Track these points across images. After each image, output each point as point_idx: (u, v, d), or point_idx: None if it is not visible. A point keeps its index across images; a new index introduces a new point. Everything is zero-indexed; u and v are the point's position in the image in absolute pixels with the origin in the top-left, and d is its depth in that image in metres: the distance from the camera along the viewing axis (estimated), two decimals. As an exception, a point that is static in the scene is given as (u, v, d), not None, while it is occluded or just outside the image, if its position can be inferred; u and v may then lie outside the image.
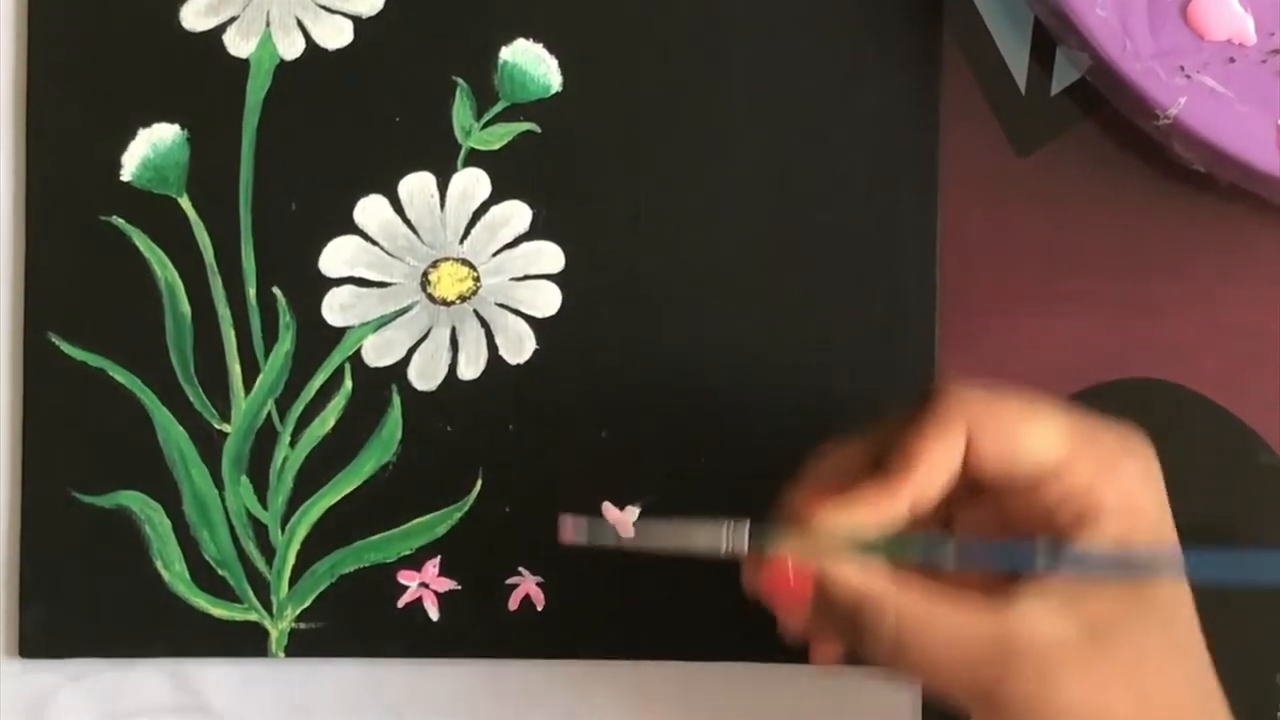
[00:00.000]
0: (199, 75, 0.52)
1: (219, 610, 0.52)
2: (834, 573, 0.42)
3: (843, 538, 0.42)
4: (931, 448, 0.42)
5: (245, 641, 0.52)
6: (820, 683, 0.52)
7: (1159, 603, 0.42)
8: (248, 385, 0.52)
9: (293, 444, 0.52)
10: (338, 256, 0.52)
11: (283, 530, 0.52)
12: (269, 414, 0.52)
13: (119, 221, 0.52)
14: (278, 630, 0.52)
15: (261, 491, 0.52)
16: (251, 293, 0.52)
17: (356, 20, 0.52)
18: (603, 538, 0.46)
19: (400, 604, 0.52)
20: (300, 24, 0.52)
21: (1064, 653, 0.41)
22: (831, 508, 0.42)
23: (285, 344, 0.52)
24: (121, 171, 0.52)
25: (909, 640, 0.41)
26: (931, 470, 0.42)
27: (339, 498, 0.52)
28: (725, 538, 0.43)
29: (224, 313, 0.52)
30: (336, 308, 0.52)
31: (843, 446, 0.45)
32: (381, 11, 0.52)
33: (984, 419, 0.42)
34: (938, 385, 0.43)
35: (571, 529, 0.46)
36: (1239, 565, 0.43)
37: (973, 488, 0.43)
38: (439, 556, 0.52)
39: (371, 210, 0.52)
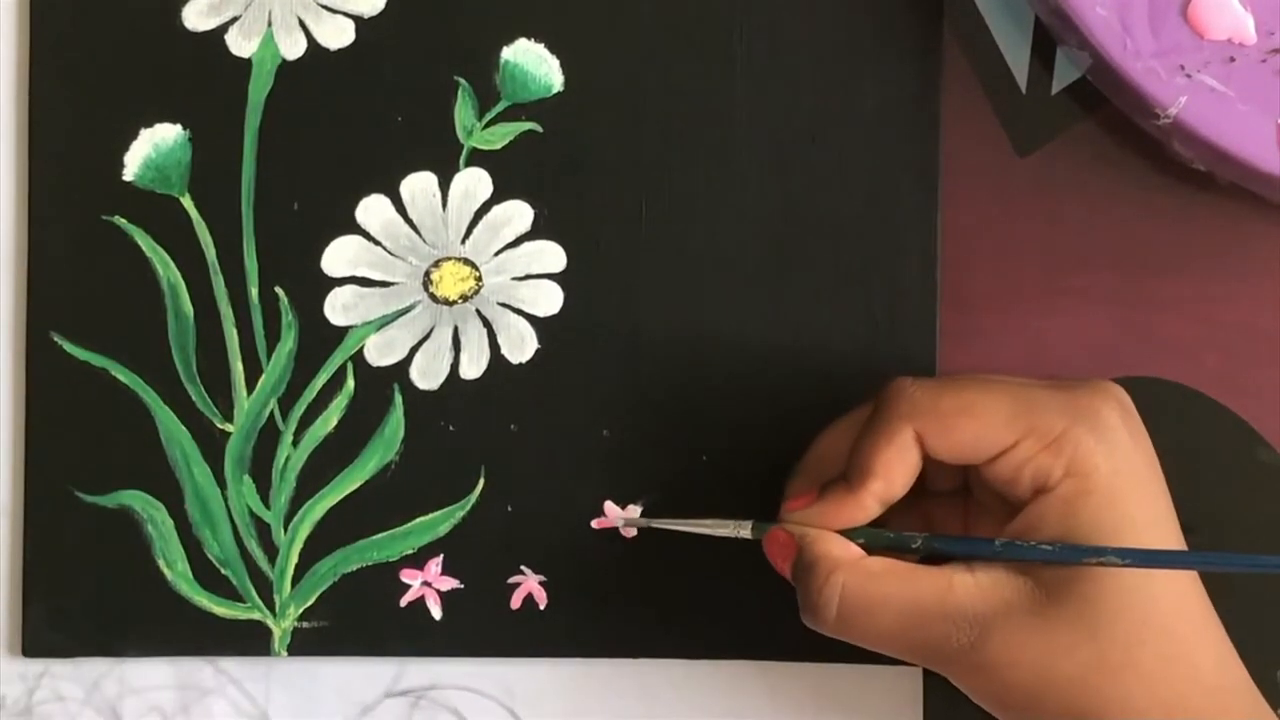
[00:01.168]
0: (201, 75, 0.52)
1: (222, 609, 0.52)
2: (802, 538, 0.46)
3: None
4: (884, 454, 0.45)
5: (248, 640, 0.52)
6: (822, 682, 0.52)
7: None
8: (250, 385, 0.52)
9: (295, 443, 0.52)
10: (340, 256, 0.52)
11: (285, 529, 0.52)
12: (271, 413, 0.52)
13: (121, 221, 0.52)
14: (280, 629, 0.52)
15: (264, 491, 0.52)
16: (254, 292, 0.52)
17: (358, 20, 0.52)
18: (636, 523, 0.51)
19: (403, 603, 0.52)
20: (302, 24, 0.52)
21: (1006, 610, 0.43)
22: (808, 511, 0.46)
23: (287, 343, 0.52)
24: (123, 171, 0.52)
25: (853, 601, 0.44)
26: (889, 475, 0.45)
27: (341, 497, 0.52)
28: (738, 526, 0.49)
29: (226, 312, 0.52)
30: (339, 307, 0.52)
31: (833, 431, 0.48)
32: (383, 11, 0.52)
33: (927, 416, 0.44)
34: (884, 388, 0.46)
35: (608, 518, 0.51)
36: (1177, 560, 0.43)
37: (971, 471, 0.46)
38: (441, 555, 0.52)
39: (373, 210, 0.52)
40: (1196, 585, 0.44)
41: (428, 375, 0.52)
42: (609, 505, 0.52)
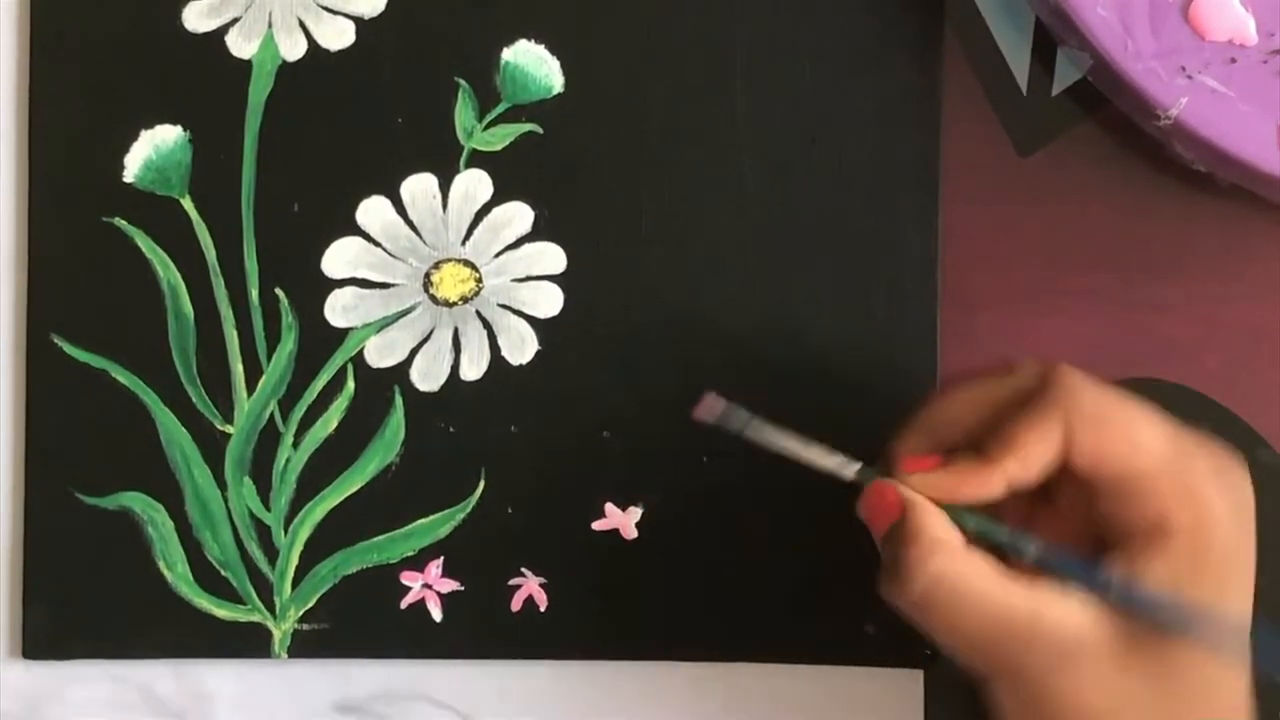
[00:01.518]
0: (201, 76, 0.52)
1: (222, 611, 0.52)
2: (912, 506, 0.43)
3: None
4: (1033, 436, 0.43)
5: (248, 642, 0.52)
6: (824, 683, 0.52)
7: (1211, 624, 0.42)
8: (250, 386, 0.52)
9: (295, 445, 0.52)
10: (340, 257, 0.52)
11: (285, 531, 0.52)
12: (271, 415, 0.52)
13: (121, 223, 0.52)
14: (281, 631, 0.52)
15: (264, 492, 0.52)
16: (254, 294, 0.52)
17: (358, 21, 0.52)
18: (734, 422, 0.46)
19: (403, 605, 0.52)
20: (302, 25, 0.52)
21: (1089, 647, 0.42)
22: (930, 476, 0.44)
23: (288, 345, 0.52)
24: (124, 173, 0.52)
25: (944, 589, 0.42)
26: (1029, 459, 0.43)
27: (342, 499, 0.52)
28: (844, 464, 0.45)
29: (226, 314, 0.52)
30: (339, 309, 0.52)
31: (959, 395, 0.46)
32: (383, 13, 0.52)
33: (1088, 416, 0.43)
34: (1052, 373, 0.44)
35: (708, 408, 0.46)
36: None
37: (1066, 479, 0.44)
38: (442, 557, 0.52)
39: (374, 211, 0.52)
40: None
41: (428, 377, 0.52)
42: (609, 507, 0.52)
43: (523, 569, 0.52)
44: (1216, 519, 0.42)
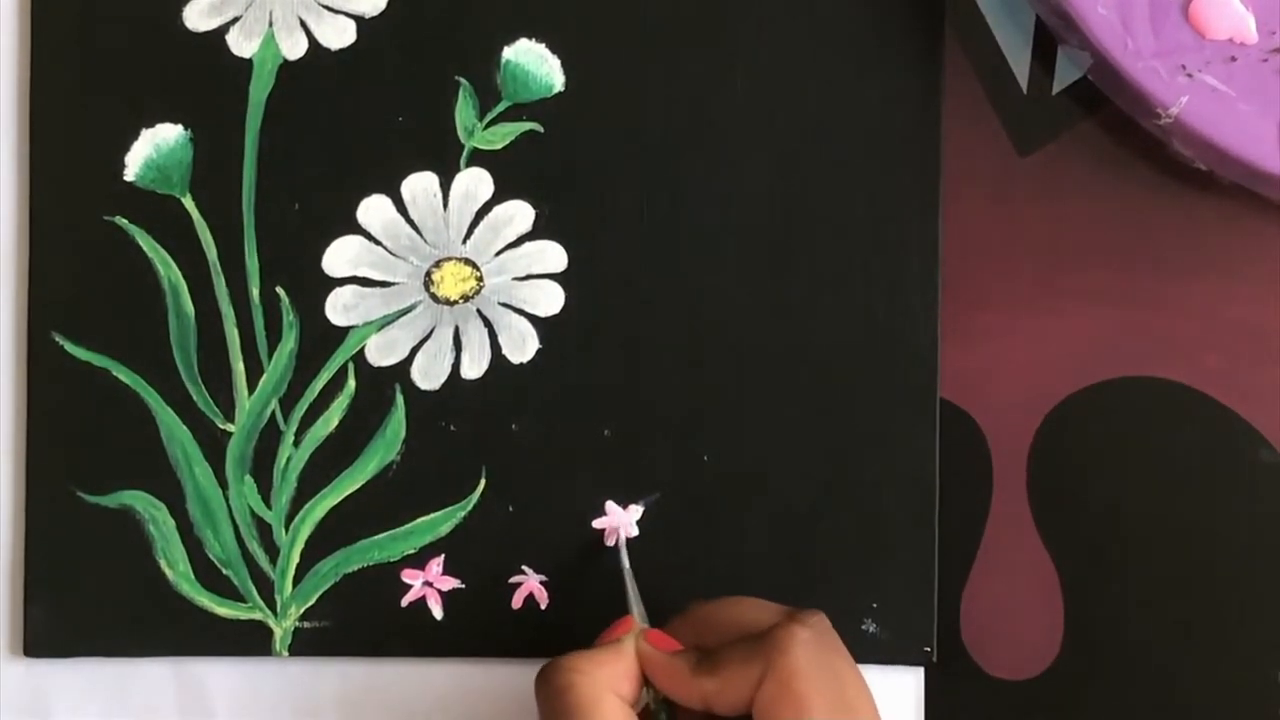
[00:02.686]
0: (202, 75, 0.52)
1: (223, 609, 0.52)
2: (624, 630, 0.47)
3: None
4: (734, 672, 0.44)
5: (249, 640, 0.52)
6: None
7: None
8: (251, 385, 0.52)
9: (296, 443, 0.52)
10: (341, 256, 0.52)
11: (286, 529, 0.52)
12: (272, 413, 0.52)
13: (122, 221, 0.52)
14: (282, 629, 0.52)
15: (265, 491, 0.52)
16: (255, 292, 0.52)
17: (359, 20, 0.52)
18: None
19: (404, 603, 0.52)
20: (303, 24, 0.52)
21: None
22: (656, 654, 0.46)
23: (289, 343, 0.52)
24: (125, 171, 0.52)
25: (577, 692, 0.45)
26: (725, 689, 0.44)
27: (343, 497, 0.52)
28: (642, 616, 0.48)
29: (227, 312, 0.52)
30: (340, 307, 0.52)
31: (737, 605, 0.48)
32: (384, 11, 0.52)
33: (777, 680, 0.44)
34: (779, 630, 0.45)
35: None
36: None
37: None
38: (442, 555, 0.52)
39: (374, 210, 0.52)
40: None
41: (429, 375, 0.52)
42: (610, 505, 0.52)
43: (523, 567, 0.52)
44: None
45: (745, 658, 0.44)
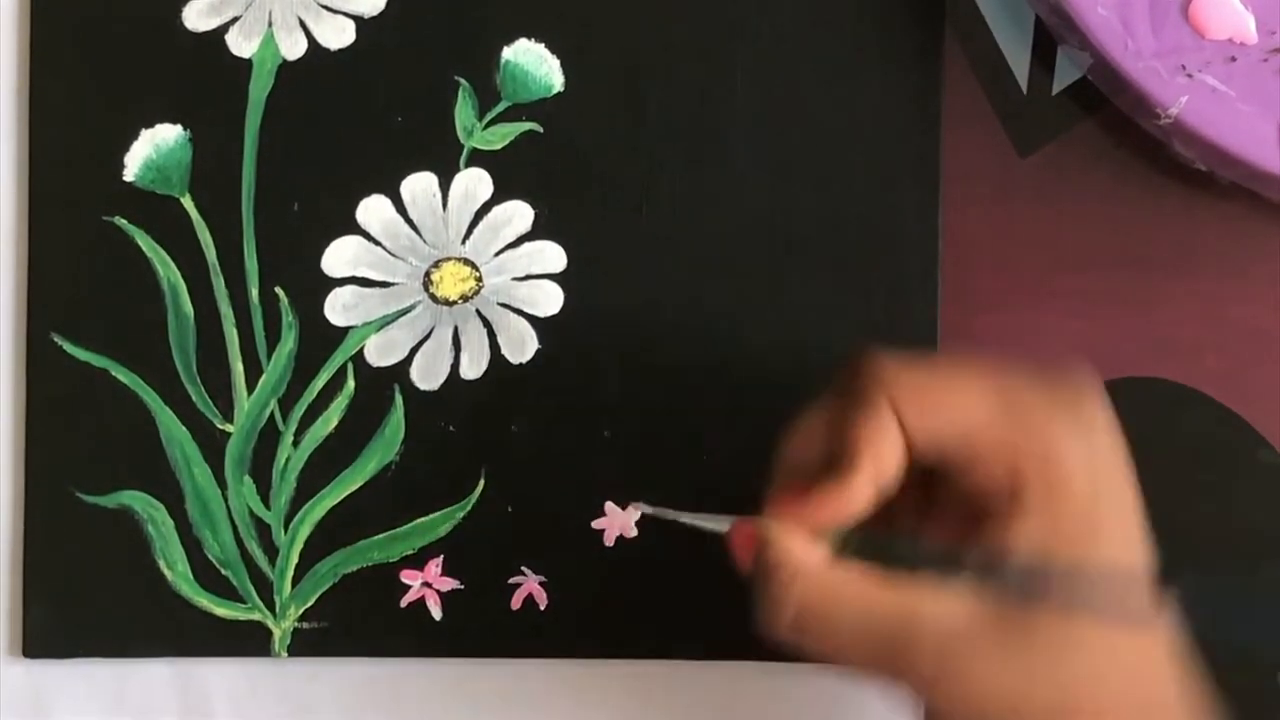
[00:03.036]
0: (201, 75, 0.52)
1: (222, 610, 0.52)
2: (768, 541, 0.42)
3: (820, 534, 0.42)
4: (870, 432, 0.41)
5: (248, 641, 0.52)
6: (824, 682, 0.52)
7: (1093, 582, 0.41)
8: (250, 385, 0.52)
9: (295, 444, 0.52)
10: (340, 256, 0.52)
11: (285, 530, 0.52)
12: (271, 414, 0.52)
13: (122, 222, 0.52)
14: (281, 630, 0.52)
15: (264, 491, 0.52)
16: (254, 293, 0.52)
17: (358, 20, 0.52)
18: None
19: (403, 603, 0.52)
20: (302, 24, 0.52)
21: (967, 637, 0.41)
22: (798, 512, 0.42)
23: (288, 344, 0.52)
24: (124, 172, 0.52)
25: (811, 611, 0.41)
26: (878, 454, 0.41)
27: (342, 497, 0.52)
28: (721, 521, 0.45)
29: (226, 312, 0.52)
30: (339, 307, 0.52)
31: (804, 429, 0.45)
32: (383, 11, 0.52)
33: (906, 391, 0.41)
34: (864, 367, 0.42)
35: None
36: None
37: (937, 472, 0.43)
38: (442, 556, 0.52)
39: (374, 210, 0.52)
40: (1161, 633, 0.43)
41: (428, 376, 0.52)
42: (609, 505, 0.52)
43: (523, 568, 0.52)
44: (1066, 468, 0.41)
45: (865, 418, 0.41)
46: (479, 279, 0.52)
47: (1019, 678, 0.41)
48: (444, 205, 0.52)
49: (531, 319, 0.52)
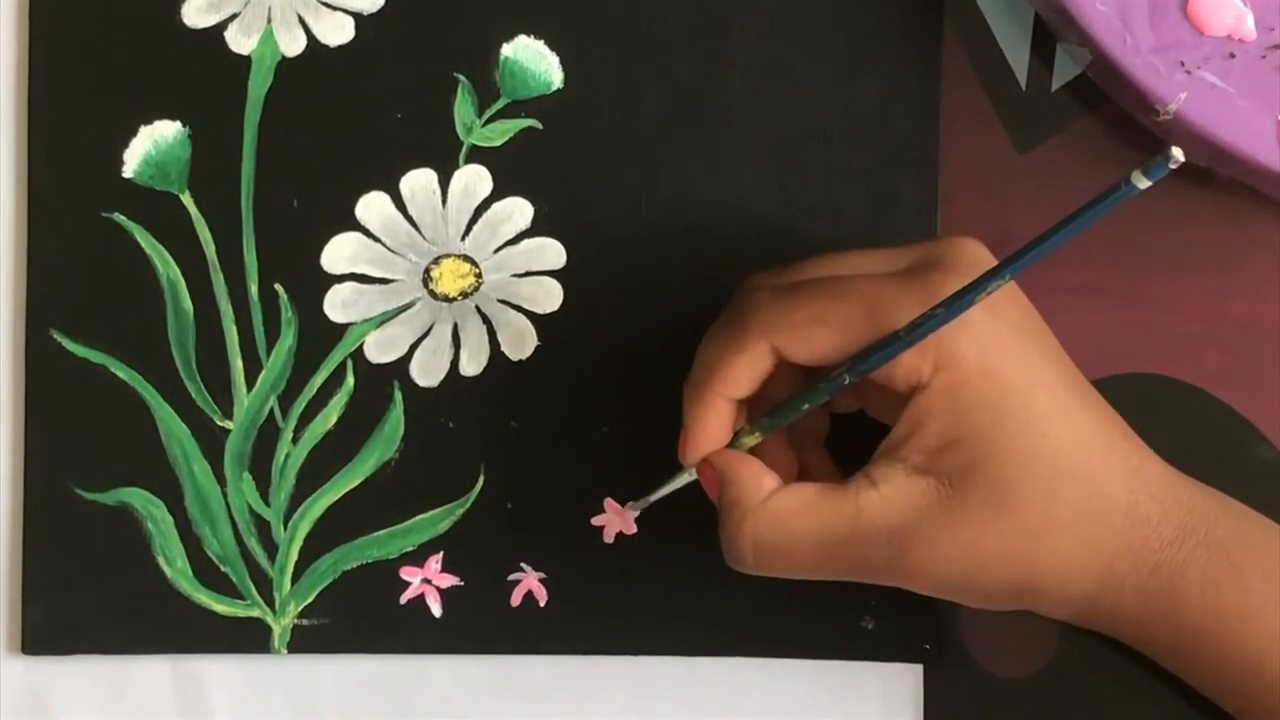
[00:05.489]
0: (200, 72, 0.52)
1: (221, 607, 0.52)
2: (721, 481, 0.46)
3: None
4: (733, 362, 0.45)
5: (248, 638, 0.52)
6: (822, 679, 0.52)
7: (1012, 429, 0.43)
8: (250, 382, 0.52)
9: (295, 440, 0.52)
10: (339, 253, 0.52)
11: (285, 527, 0.52)
12: (271, 410, 0.52)
13: (121, 218, 0.52)
14: (280, 627, 0.52)
15: (264, 488, 0.52)
16: (253, 289, 0.52)
17: (358, 17, 0.52)
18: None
19: (403, 600, 0.52)
20: (302, 21, 0.52)
21: (918, 516, 0.43)
22: (690, 440, 0.46)
23: (287, 340, 0.52)
24: (123, 168, 0.52)
25: (767, 545, 0.44)
26: (735, 380, 0.45)
27: (341, 494, 0.52)
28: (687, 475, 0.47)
29: (226, 309, 0.52)
30: (338, 304, 0.52)
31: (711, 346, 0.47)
32: (383, 8, 0.52)
33: (781, 329, 0.44)
34: (737, 295, 0.46)
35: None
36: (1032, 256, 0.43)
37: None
38: (441, 553, 0.52)
39: (373, 207, 0.52)
40: (1100, 416, 0.45)
41: (428, 372, 0.52)
42: (609, 502, 0.52)
43: (522, 564, 0.52)
44: (950, 340, 0.43)
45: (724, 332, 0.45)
46: (479, 275, 0.52)
47: (971, 534, 0.43)
48: (443, 202, 0.52)
49: (531, 316, 0.52)
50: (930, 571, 0.44)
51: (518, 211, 0.52)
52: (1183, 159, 0.38)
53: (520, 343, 0.52)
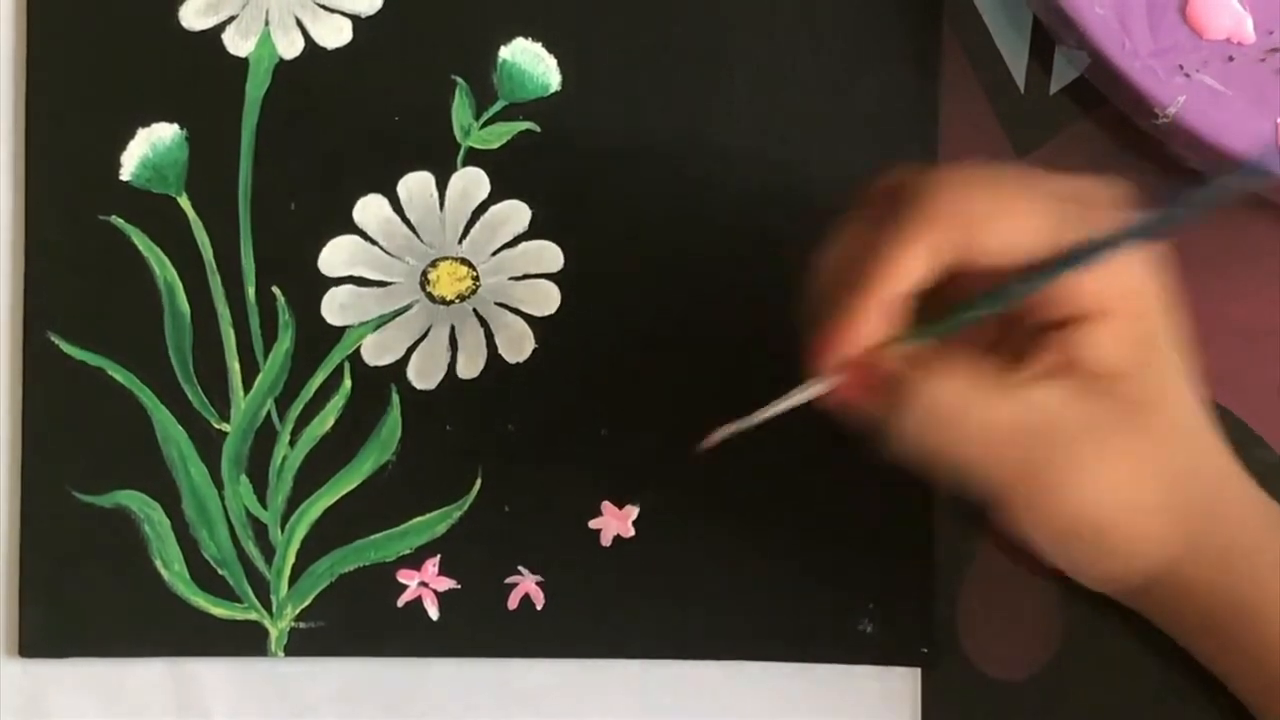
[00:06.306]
0: (198, 74, 0.52)
1: (218, 610, 0.52)
2: (876, 366, 0.42)
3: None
4: (898, 260, 0.41)
5: (245, 641, 0.52)
6: (821, 682, 0.52)
7: (1181, 380, 0.43)
8: (247, 384, 0.52)
9: (292, 443, 0.52)
10: (337, 256, 0.52)
11: (282, 529, 0.52)
12: (268, 413, 0.52)
13: (118, 221, 0.52)
14: (277, 629, 0.52)
15: (261, 491, 0.52)
16: (250, 292, 0.52)
17: (355, 19, 0.52)
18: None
19: (400, 603, 0.52)
20: (299, 23, 0.52)
21: (1087, 434, 0.42)
22: (854, 328, 0.42)
23: (284, 343, 0.52)
24: (120, 171, 0.52)
25: (934, 421, 0.42)
26: (899, 279, 0.41)
27: (338, 497, 0.52)
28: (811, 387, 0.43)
29: (223, 312, 0.52)
30: (336, 307, 0.52)
31: (839, 241, 0.44)
32: (380, 11, 0.52)
33: (956, 222, 0.41)
34: (904, 186, 0.42)
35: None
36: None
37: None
38: (438, 555, 0.52)
39: (371, 209, 0.52)
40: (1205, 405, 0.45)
41: (425, 375, 0.52)
42: (606, 505, 0.52)
43: (519, 567, 0.52)
44: (1140, 266, 0.42)
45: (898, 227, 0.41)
46: (476, 278, 0.52)
47: (1133, 468, 0.42)
48: (441, 205, 0.52)
49: (529, 318, 0.52)
50: (1088, 488, 0.42)
51: (515, 214, 0.52)
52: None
53: (518, 345, 0.52)
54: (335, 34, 0.52)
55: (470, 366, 0.52)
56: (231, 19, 0.52)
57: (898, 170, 0.43)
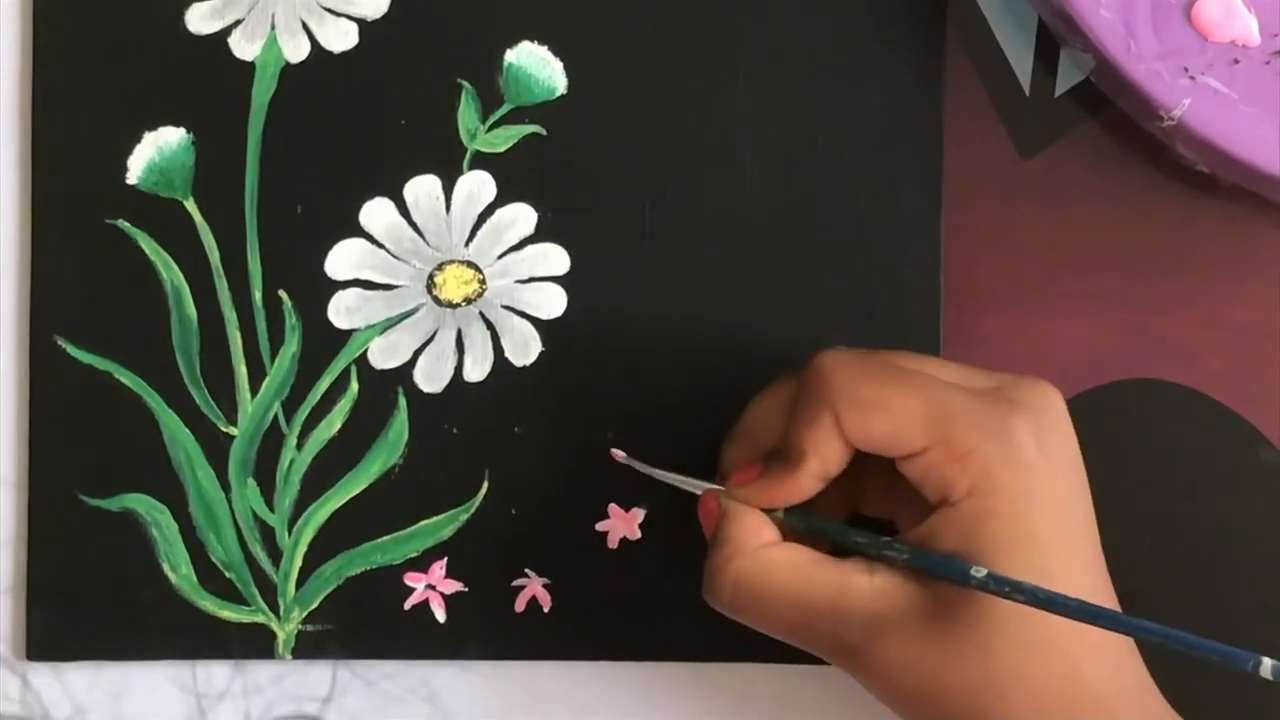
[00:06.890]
0: (204, 78, 0.52)
1: (226, 613, 0.52)
2: (722, 515, 0.46)
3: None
4: (812, 435, 0.44)
5: (252, 644, 0.52)
6: (829, 683, 0.52)
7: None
8: (254, 388, 0.52)
9: (299, 446, 0.52)
10: (343, 259, 0.52)
11: (289, 533, 0.52)
12: (275, 416, 0.52)
13: (125, 225, 0.52)
14: (285, 632, 0.52)
15: (268, 494, 0.52)
16: (257, 295, 0.52)
17: (361, 23, 0.52)
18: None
19: (407, 606, 0.52)
20: (305, 27, 0.52)
21: (899, 618, 0.43)
22: (752, 487, 0.46)
23: (291, 346, 0.52)
24: (127, 175, 0.52)
25: (747, 589, 0.44)
26: (823, 454, 0.44)
27: (346, 500, 0.52)
28: (696, 485, 0.48)
29: (230, 315, 0.52)
30: (342, 310, 0.52)
31: (765, 400, 0.48)
32: (386, 14, 0.52)
33: (844, 403, 0.44)
34: (809, 363, 0.45)
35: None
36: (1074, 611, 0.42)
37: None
38: (445, 558, 0.52)
39: (377, 213, 0.52)
40: (1101, 592, 0.44)
41: (431, 378, 0.52)
42: (613, 508, 0.52)
43: (526, 570, 0.52)
44: (994, 471, 0.43)
45: (805, 416, 0.44)
46: (482, 281, 0.52)
47: (941, 655, 0.43)
48: (447, 208, 0.52)
49: (535, 321, 0.52)
50: (890, 675, 0.43)
51: (521, 217, 0.52)
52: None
53: (524, 348, 0.52)
54: (341, 38, 0.52)
55: (477, 369, 0.52)
56: (237, 23, 0.52)
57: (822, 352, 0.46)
